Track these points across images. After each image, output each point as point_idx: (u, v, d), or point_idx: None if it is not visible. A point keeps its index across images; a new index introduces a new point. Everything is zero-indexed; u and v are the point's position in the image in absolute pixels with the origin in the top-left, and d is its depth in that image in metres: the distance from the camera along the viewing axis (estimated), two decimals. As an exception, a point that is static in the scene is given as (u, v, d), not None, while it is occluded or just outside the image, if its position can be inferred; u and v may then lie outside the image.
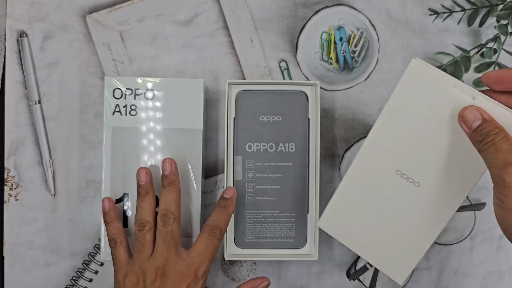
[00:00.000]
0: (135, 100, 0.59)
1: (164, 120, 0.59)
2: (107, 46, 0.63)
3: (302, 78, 0.64)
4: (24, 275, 0.63)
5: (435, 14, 0.65)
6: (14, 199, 0.63)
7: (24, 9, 0.64)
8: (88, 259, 0.63)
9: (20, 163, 0.63)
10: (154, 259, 0.53)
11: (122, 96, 0.59)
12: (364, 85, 0.64)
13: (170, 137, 0.59)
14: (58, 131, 0.64)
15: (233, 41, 0.64)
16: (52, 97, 0.64)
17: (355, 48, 0.64)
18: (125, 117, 0.59)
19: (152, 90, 0.59)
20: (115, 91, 0.59)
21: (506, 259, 0.65)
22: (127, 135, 0.59)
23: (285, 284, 0.64)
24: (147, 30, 0.64)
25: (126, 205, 0.59)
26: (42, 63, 0.64)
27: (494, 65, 0.65)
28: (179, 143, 0.59)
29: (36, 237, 0.63)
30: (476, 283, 0.65)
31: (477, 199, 0.65)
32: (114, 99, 0.59)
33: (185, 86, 0.59)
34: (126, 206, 0.59)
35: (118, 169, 0.59)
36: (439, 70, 0.45)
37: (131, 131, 0.59)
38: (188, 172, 0.59)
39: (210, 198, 0.63)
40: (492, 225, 0.65)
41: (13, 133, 0.63)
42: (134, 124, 0.59)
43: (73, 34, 0.64)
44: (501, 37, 0.65)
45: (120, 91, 0.59)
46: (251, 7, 0.64)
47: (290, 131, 0.60)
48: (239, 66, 0.64)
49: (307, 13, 0.64)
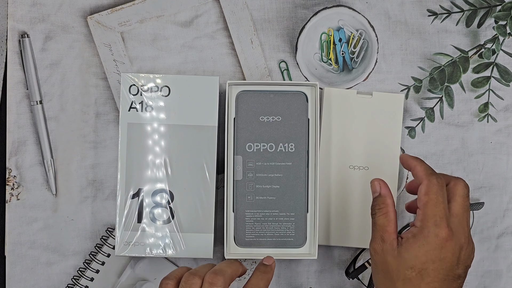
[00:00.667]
0: (151, 97, 0.60)
1: (179, 117, 0.60)
2: (108, 47, 0.64)
3: (302, 78, 0.65)
4: (25, 274, 0.64)
5: (434, 15, 0.65)
6: (16, 199, 0.64)
7: (25, 10, 0.64)
8: (89, 259, 0.64)
9: (21, 163, 0.64)
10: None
11: (138, 93, 0.60)
12: (363, 86, 0.65)
13: (185, 134, 0.60)
14: (60, 131, 0.64)
15: (233, 42, 0.64)
16: (53, 98, 0.64)
17: (354, 49, 0.64)
18: (141, 114, 0.60)
19: (167, 87, 0.60)
20: (131, 88, 0.60)
21: (504, 258, 0.66)
22: (142, 130, 0.60)
23: (285, 283, 0.65)
24: (147, 31, 0.64)
25: (140, 202, 0.59)
26: (43, 64, 0.64)
27: (492, 66, 0.65)
28: (193, 140, 0.60)
29: (37, 237, 0.64)
30: (474, 282, 0.65)
31: (475, 199, 0.65)
32: (131, 95, 0.60)
33: (200, 83, 0.60)
34: (141, 203, 0.59)
35: (133, 164, 0.59)
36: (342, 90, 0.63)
37: (146, 126, 0.60)
38: (203, 168, 0.59)
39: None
40: (490, 225, 0.65)
41: (14, 133, 0.64)
42: (149, 121, 0.60)
43: (74, 35, 0.64)
44: (499, 38, 0.65)
45: (136, 88, 0.60)
46: (251, 8, 0.64)
47: (290, 131, 0.60)
48: (239, 67, 0.65)
49: (307, 14, 0.65)
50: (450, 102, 0.65)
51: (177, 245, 0.59)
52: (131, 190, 0.59)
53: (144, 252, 0.59)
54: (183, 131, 0.60)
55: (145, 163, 0.59)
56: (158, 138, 0.60)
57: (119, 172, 0.59)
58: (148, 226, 0.59)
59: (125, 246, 0.59)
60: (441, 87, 0.65)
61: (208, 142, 0.60)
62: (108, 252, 0.63)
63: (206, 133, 0.60)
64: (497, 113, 0.65)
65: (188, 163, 0.59)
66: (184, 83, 0.60)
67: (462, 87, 0.65)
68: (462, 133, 0.65)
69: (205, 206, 0.60)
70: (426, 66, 0.65)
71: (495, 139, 0.65)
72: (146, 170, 0.59)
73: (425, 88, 0.65)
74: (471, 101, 0.65)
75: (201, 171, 0.59)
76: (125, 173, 0.59)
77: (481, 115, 0.65)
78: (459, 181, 0.53)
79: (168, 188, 0.59)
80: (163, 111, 0.60)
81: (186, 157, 0.60)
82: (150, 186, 0.59)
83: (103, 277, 0.64)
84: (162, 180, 0.59)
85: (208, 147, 0.60)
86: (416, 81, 0.65)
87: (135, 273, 0.63)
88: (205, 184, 0.60)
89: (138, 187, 0.59)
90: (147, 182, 0.59)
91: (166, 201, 0.59)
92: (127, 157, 0.59)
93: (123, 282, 0.63)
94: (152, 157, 0.59)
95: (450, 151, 0.65)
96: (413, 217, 0.65)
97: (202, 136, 0.60)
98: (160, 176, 0.59)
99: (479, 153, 0.65)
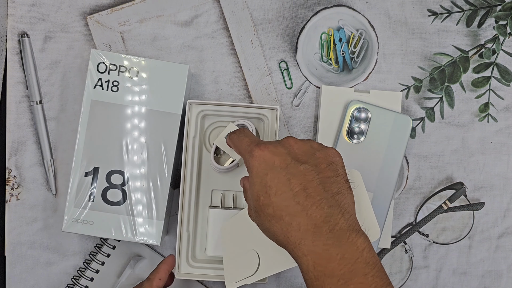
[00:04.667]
0: (118, 77, 0.59)
1: (145, 100, 0.59)
2: (107, 47, 0.64)
3: (302, 78, 0.65)
4: (25, 274, 0.64)
5: (434, 14, 0.65)
6: (16, 199, 0.63)
7: (25, 10, 0.64)
8: (89, 259, 0.64)
9: (21, 163, 0.64)
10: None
11: (106, 71, 0.59)
12: (363, 86, 0.64)
13: (148, 118, 0.59)
14: (59, 131, 0.64)
15: (233, 42, 0.64)
16: (53, 97, 0.64)
17: (355, 49, 0.64)
18: (105, 92, 0.59)
19: (136, 70, 0.59)
20: (99, 65, 0.59)
21: (505, 259, 0.66)
22: (105, 110, 0.59)
23: (285, 283, 0.65)
24: (147, 31, 0.64)
25: (94, 181, 0.59)
26: (43, 64, 0.64)
27: (493, 66, 0.65)
28: (155, 125, 0.59)
29: (37, 237, 0.64)
30: (475, 282, 0.65)
31: (475, 199, 0.65)
32: (98, 73, 0.59)
33: (170, 70, 0.59)
34: (94, 182, 0.59)
35: (92, 142, 0.59)
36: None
37: (110, 106, 0.59)
38: (161, 154, 0.59)
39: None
40: (491, 225, 0.65)
41: (14, 133, 0.64)
42: (114, 100, 0.59)
43: (74, 35, 0.64)
44: (500, 37, 0.65)
45: (105, 66, 0.59)
46: (251, 8, 0.64)
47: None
48: (239, 67, 0.65)
49: (307, 14, 0.65)
50: (451, 102, 0.65)
51: (127, 228, 0.59)
52: (87, 168, 0.59)
53: (92, 232, 0.58)
54: (146, 115, 0.59)
55: (104, 142, 0.59)
56: (121, 119, 0.59)
57: (76, 147, 0.58)
58: (99, 206, 0.59)
59: (73, 223, 0.58)
60: (441, 87, 0.65)
61: (170, 129, 0.59)
62: (108, 252, 0.63)
63: (169, 120, 0.59)
64: (497, 113, 0.65)
65: (147, 147, 0.59)
66: (154, 67, 0.59)
67: (463, 87, 0.65)
68: (462, 133, 0.65)
69: (159, 192, 0.59)
70: (426, 66, 0.65)
71: (496, 139, 0.65)
72: (104, 150, 0.59)
73: (425, 88, 0.65)
74: (471, 101, 0.65)
75: (159, 157, 0.59)
76: (82, 149, 0.59)
77: (481, 115, 0.65)
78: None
79: (124, 170, 0.59)
80: (129, 93, 0.59)
81: (146, 142, 0.59)
82: (106, 166, 0.59)
83: (103, 277, 0.64)
84: (119, 161, 0.59)
85: (170, 134, 0.59)
86: (416, 81, 0.65)
87: (135, 273, 0.63)
88: (161, 171, 0.59)
89: (94, 166, 0.59)
90: (104, 162, 0.59)
91: (120, 183, 0.59)
92: (87, 134, 0.59)
93: (123, 282, 0.63)
94: (112, 138, 0.59)
95: (451, 151, 0.65)
96: (413, 217, 0.65)
97: (165, 122, 0.59)
98: (117, 157, 0.59)
99: (479, 153, 0.65)
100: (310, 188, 0.43)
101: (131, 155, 0.59)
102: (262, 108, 0.60)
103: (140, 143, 0.59)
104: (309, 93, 0.65)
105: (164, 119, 0.59)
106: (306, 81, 0.65)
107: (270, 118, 0.60)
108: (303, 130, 0.65)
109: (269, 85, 0.64)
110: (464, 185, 0.65)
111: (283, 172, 0.44)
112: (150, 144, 0.59)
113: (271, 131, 0.60)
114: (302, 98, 0.65)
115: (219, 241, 0.59)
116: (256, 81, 0.64)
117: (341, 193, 0.44)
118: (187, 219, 0.60)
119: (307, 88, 0.65)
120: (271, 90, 0.64)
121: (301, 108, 0.65)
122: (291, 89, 0.65)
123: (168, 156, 0.59)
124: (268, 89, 0.64)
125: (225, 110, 0.60)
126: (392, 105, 0.62)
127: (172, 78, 0.59)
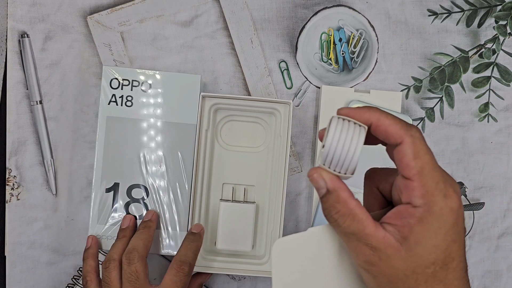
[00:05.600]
0: (131, 92, 0.60)
1: (159, 113, 0.60)
2: (108, 47, 0.64)
3: (302, 78, 0.65)
4: (25, 274, 0.64)
5: (434, 14, 0.65)
6: (16, 199, 0.64)
7: (25, 10, 0.64)
8: (89, 258, 0.64)
9: (21, 163, 0.64)
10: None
11: (119, 87, 0.60)
12: (364, 86, 0.64)
13: (164, 130, 0.60)
14: (59, 131, 0.64)
15: (233, 42, 0.64)
16: (53, 97, 0.64)
17: (354, 49, 0.64)
18: (120, 108, 0.60)
19: (149, 83, 0.60)
20: (112, 81, 0.60)
21: (505, 259, 0.66)
22: (121, 125, 0.60)
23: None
24: (147, 31, 0.64)
25: (116, 196, 0.59)
26: (43, 64, 0.64)
27: (493, 66, 0.65)
28: (172, 137, 0.60)
29: (37, 237, 0.64)
30: (475, 282, 0.65)
31: (475, 199, 0.65)
32: (111, 89, 0.60)
33: (183, 81, 0.60)
34: (116, 197, 0.59)
35: (110, 158, 0.59)
36: None
37: (125, 121, 0.60)
38: (180, 166, 0.60)
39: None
40: (491, 225, 0.65)
41: (14, 133, 0.64)
42: (129, 115, 0.60)
43: (74, 35, 0.64)
44: (500, 37, 0.65)
45: (117, 81, 0.60)
46: (251, 8, 0.64)
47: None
48: (239, 67, 0.65)
49: (307, 14, 0.65)
50: (450, 102, 0.65)
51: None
52: (107, 184, 0.59)
53: None
54: (162, 127, 0.60)
55: (122, 157, 0.60)
56: (137, 133, 0.60)
57: (95, 165, 0.59)
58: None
59: (98, 239, 0.59)
60: (441, 87, 0.65)
61: (186, 140, 0.60)
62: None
63: (185, 131, 0.60)
64: (497, 113, 0.65)
65: (165, 159, 0.60)
66: (166, 79, 0.60)
67: (462, 87, 0.65)
68: (462, 133, 0.65)
69: (180, 204, 0.60)
70: (426, 66, 0.65)
71: (496, 139, 0.65)
72: (123, 165, 0.59)
73: (425, 88, 0.65)
74: (471, 101, 0.65)
75: (178, 169, 0.60)
76: (101, 166, 0.59)
77: (481, 115, 0.65)
78: (411, 126, 0.38)
79: (144, 184, 0.60)
80: (144, 107, 0.60)
81: (163, 154, 0.60)
82: (126, 181, 0.59)
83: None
84: (139, 175, 0.60)
85: (186, 145, 0.60)
86: (416, 81, 0.65)
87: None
88: (181, 181, 0.60)
89: (114, 181, 0.59)
90: (124, 177, 0.59)
91: (141, 197, 0.60)
92: (105, 150, 0.59)
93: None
94: (129, 152, 0.60)
95: (451, 151, 0.65)
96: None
97: (181, 133, 0.60)
98: (136, 171, 0.60)
99: (479, 153, 0.65)
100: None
101: (150, 169, 0.60)
102: (275, 102, 0.60)
103: (157, 156, 0.60)
104: (309, 93, 0.65)
105: (179, 130, 0.60)
106: (306, 81, 0.65)
107: (283, 112, 0.60)
108: (303, 130, 0.65)
109: (269, 85, 0.64)
110: (464, 185, 0.65)
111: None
112: (168, 156, 0.60)
113: (283, 126, 0.60)
114: (302, 98, 0.65)
115: (229, 234, 0.59)
116: (256, 81, 0.64)
117: None
118: (198, 212, 0.60)
119: (307, 88, 0.65)
120: (271, 90, 0.64)
121: (301, 108, 0.65)
122: (291, 89, 0.65)
123: (186, 167, 0.60)
124: (268, 89, 0.64)
125: (238, 104, 0.60)
126: (392, 105, 0.62)
127: (185, 89, 0.60)
